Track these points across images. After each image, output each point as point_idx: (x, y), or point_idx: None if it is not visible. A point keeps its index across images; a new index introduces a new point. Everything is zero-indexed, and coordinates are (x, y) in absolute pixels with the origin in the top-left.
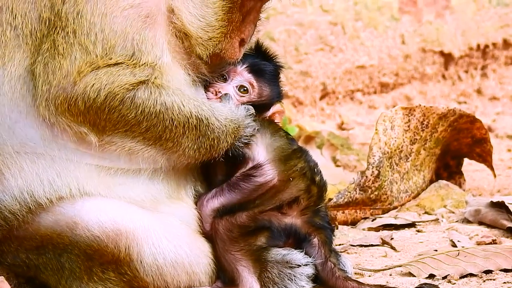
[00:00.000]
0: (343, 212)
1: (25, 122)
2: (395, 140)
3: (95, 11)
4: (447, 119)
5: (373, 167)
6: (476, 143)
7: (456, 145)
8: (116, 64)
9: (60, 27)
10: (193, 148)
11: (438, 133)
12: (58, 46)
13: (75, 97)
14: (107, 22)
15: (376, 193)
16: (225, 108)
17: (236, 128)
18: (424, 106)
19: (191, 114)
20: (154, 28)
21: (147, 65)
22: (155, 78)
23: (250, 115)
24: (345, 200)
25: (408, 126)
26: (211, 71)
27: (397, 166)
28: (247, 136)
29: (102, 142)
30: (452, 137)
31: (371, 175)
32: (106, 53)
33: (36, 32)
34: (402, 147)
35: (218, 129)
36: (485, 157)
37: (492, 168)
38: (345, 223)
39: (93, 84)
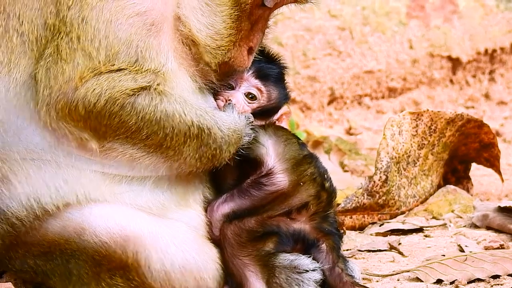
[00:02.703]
0: (351, 217)
1: (30, 129)
2: (403, 145)
3: (100, 17)
4: (455, 124)
5: (380, 172)
6: (483, 148)
7: (464, 150)
8: (119, 70)
9: (64, 33)
10: (195, 157)
11: (446, 138)
12: (61, 51)
13: (75, 102)
14: (111, 29)
15: (384, 198)
16: (229, 118)
17: (239, 138)
18: (432, 111)
19: (192, 123)
20: (159, 35)
21: (149, 71)
22: (157, 84)
23: (250, 123)
24: (353, 205)
25: (416, 131)
26: (220, 79)
27: (404, 171)
28: (243, 145)
29: (103, 148)
30: (459, 141)
31: (379, 180)
32: (109, 60)
33: (41, 39)
34: (410, 152)
35: (221, 139)
36: (492, 162)
37: (500, 173)
38: (352, 228)
39: (94, 89)
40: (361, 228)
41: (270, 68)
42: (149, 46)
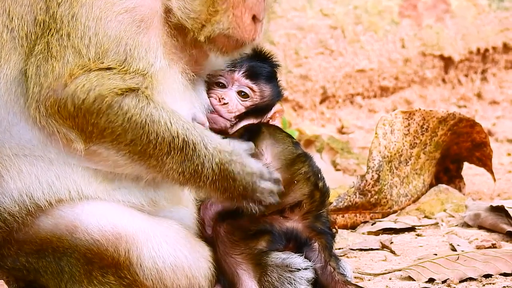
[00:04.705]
0: (343, 216)
1: (21, 125)
2: (395, 144)
3: (90, 14)
4: (447, 123)
5: (372, 171)
6: (476, 147)
7: (456, 149)
8: (108, 68)
9: (54, 29)
10: (178, 171)
11: (438, 137)
12: (51, 48)
13: (65, 99)
14: (101, 26)
15: (376, 197)
16: (217, 138)
17: (225, 160)
18: (424, 110)
19: (178, 134)
20: (148, 32)
21: (137, 72)
22: (145, 88)
23: (250, 151)
24: (345, 204)
25: (408, 130)
26: (227, 54)
27: (397, 170)
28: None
29: (87, 151)
30: (452, 141)
31: (371, 179)
32: (99, 57)
33: (31, 35)
34: (402, 151)
35: (204, 156)
36: (485, 161)
37: (492, 172)
38: (344, 227)
39: (84, 84)
40: (353, 227)
41: (261, 67)
42: (138, 44)
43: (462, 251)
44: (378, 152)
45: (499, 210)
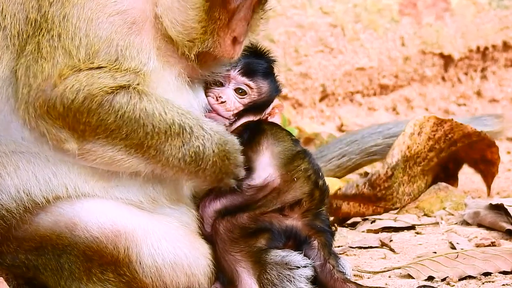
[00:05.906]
0: (348, 204)
1: (14, 123)
2: (417, 146)
3: (81, 15)
4: (470, 138)
5: (389, 167)
6: (483, 162)
7: (463, 156)
8: (98, 68)
9: (45, 29)
10: (177, 157)
11: (456, 148)
12: (42, 49)
13: (54, 99)
14: (92, 27)
15: (383, 192)
16: (212, 121)
17: (222, 140)
18: (455, 122)
19: (173, 122)
20: (140, 34)
21: (129, 70)
22: (137, 84)
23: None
24: (353, 191)
25: (434, 135)
26: (210, 70)
27: (409, 169)
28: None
29: (82, 150)
30: (463, 150)
31: (385, 174)
32: (89, 58)
33: (23, 33)
34: (420, 153)
35: (203, 136)
36: (486, 174)
37: (488, 187)
38: (347, 215)
39: (73, 85)
40: (352, 225)
41: (257, 63)
42: (130, 45)
43: (462, 249)
44: (399, 151)
45: (498, 208)
